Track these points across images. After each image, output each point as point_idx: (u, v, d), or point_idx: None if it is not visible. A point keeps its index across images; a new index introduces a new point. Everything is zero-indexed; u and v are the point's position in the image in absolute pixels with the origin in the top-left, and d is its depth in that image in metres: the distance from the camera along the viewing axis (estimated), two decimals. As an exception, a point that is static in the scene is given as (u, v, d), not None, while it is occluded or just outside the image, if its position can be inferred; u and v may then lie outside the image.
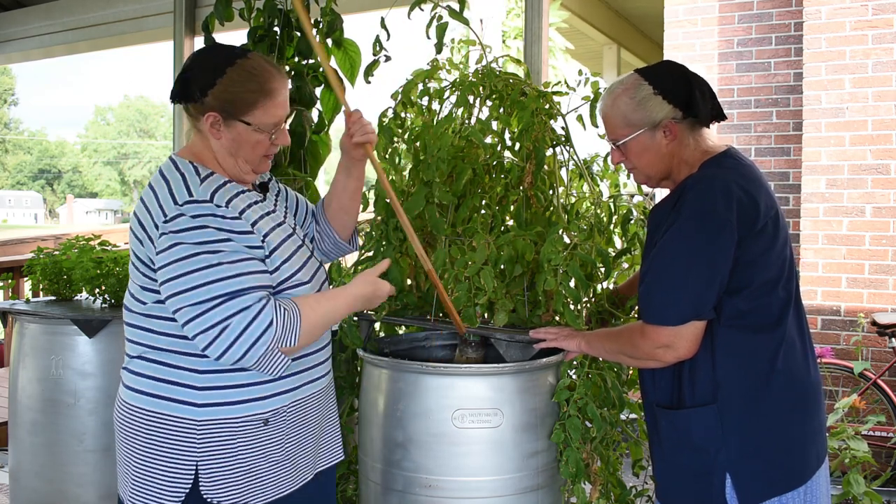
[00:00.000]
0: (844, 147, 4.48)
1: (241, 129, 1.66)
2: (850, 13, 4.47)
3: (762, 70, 5.16)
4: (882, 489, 3.89)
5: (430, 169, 2.20)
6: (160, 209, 1.59)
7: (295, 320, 1.59)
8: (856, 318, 4.39)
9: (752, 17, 5.18)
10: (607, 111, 1.83)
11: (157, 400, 1.65)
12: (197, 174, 1.65)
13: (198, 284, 1.54)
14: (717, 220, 1.65)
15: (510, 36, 8.71)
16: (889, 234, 4.38)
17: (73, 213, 53.53)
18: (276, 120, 1.68)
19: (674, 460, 1.79)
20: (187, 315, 1.55)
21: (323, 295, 1.73)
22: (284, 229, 1.75)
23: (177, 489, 1.64)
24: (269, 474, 1.69)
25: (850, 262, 4.46)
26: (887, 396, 4.05)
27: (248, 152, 1.68)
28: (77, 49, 5.05)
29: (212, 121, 1.65)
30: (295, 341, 1.59)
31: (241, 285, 1.55)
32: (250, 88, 1.64)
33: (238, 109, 1.64)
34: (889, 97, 4.38)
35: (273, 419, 1.69)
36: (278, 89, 1.67)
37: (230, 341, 1.53)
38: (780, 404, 1.71)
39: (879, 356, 4.36)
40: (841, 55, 4.49)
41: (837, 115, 4.50)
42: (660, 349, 1.70)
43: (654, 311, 1.70)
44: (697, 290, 1.65)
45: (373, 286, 1.77)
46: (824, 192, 4.52)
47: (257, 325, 1.54)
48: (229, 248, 1.57)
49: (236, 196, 1.67)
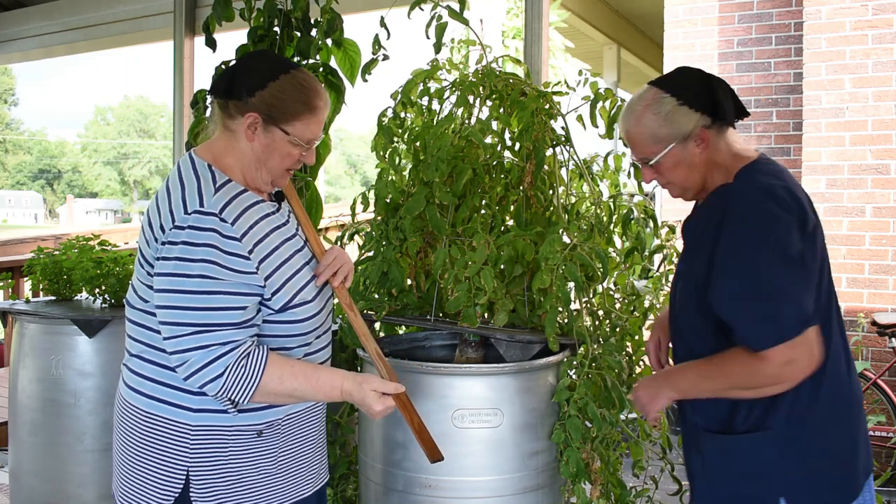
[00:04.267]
0: (844, 147, 4.48)
1: (279, 136, 1.64)
2: (850, 13, 4.47)
3: (762, 70, 5.16)
4: (882, 489, 3.89)
5: (430, 169, 2.20)
6: (170, 214, 1.58)
7: (250, 384, 1.55)
8: (856, 318, 4.39)
9: (752, 17, 5.18)
10: (632, 130, 1.74)
11: (152, 402, 1.64)
12: (213, 181, 1.61)
13: (176, 306, 1.54)
14: (782, 222, 1.56)
15: (510, 36, 8.71)
16: (889, 234, 4.38)
17: (73, 213, 53.53)
18: (312, 136, 1.67)
19: (724, 489, 1.69)
20: (164, 332, 1.57)
21: (305, 370, 1.63)
22: (294, 243, 1.72)
23: (166, 493, 1.62)
24: (260, 487, 1.66)
25: (850, 262, 4.46)
26: (887, 396, 4.05)
27: (276, 162, 1.66)
28: (77, 49, 5.05)
29: (251, 121, 1.63)
30: (245, 400, 1.56)
31: (212, 320, 1.53)
32: (298, 99, 1.64)
33: (281, 116, 1.63)
34: (889, 97, 4.38)
35: (267, 431, 1.66)
36: (322, 108, 1.67)
37: (189, 373, 1.54)
38: (829, 421, 1.63)
39: (879, 356, 4.36)
40: (841, 55, 4.49)
41: (837, 115, 4.50)
42: (785, 368, 1.53)
43: (765, 332, 1.54)
44: (798, 295, 1.54)
45: (360, 393, 1.63)
46: (824, 192, 4.52)
47: (210, 370, 1.53)
48: (214, 273, 1.55)
49: (250, 208, 1.64)
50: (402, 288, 2.35)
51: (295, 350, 1.68)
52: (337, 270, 1.74)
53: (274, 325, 1.65)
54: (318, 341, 1.75)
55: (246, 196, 1.65)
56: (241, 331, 1.56)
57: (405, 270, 2.34)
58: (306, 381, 1.61)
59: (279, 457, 1.69)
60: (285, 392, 1.60)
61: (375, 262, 2.34)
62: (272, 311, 1.63)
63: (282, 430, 1.70)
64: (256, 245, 1.61)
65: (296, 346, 1.68)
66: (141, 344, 1.67)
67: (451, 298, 2.11)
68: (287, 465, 1.71)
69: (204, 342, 1.53)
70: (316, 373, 1.64)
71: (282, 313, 1.64)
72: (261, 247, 1.62)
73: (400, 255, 2.32)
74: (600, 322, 2.33)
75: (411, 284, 2.41)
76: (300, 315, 1.66)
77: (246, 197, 1.65)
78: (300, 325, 1.67)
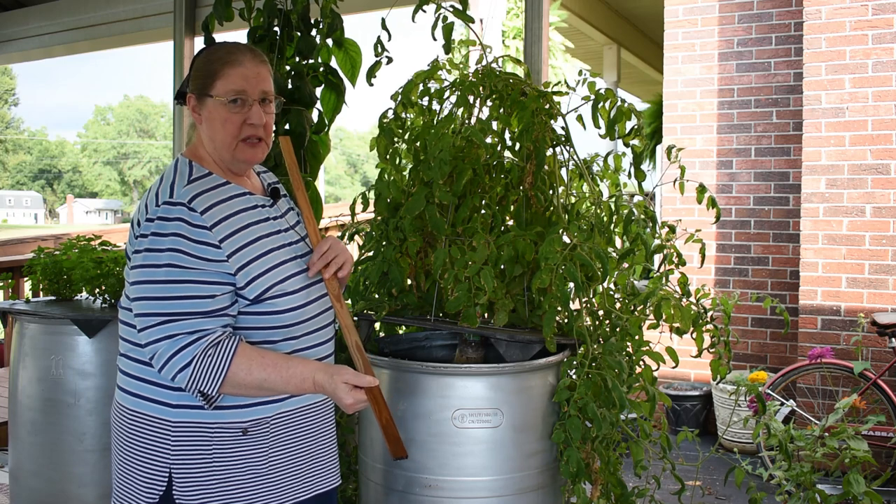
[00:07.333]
0: (844, 147, 4.48)
1: (210, 104, 1.66)
2: (850, 13, 4.47)
3: (762, 70, 5.16)
4: (882, 489, 3.89)
5: (431, 169, 2.20)
6: (145, 208, 1.62)
7: (218, 372, 1.53)
8: (856, 318, 4.39)
9: (752, 17, 5.18)
10: None
11: (135, 399, 1.64)
12: (189, 175, 1.64)
13: (145, 296, 1.55)
14: None
15: (510, 36, 8.71)
16: (889, 234, 4.38)
17: (73, 213, 53.53)
18: (236, 87, 1.65)
19: None
20: (137, 324, 1.57)
21: (276, 361, 1.59)
22: (283, 237, 1.72)
23: (151, 492, 1.60)
24: (249, 488, 1.62)
25: (850, 262, 4.46)
26: (887, 396, 4.05)
27: (221, 133, 1.66)
28: (77, 49, 5.05)
29: (192, 104, 1.69)
30: (213, 391, 1.54)
31: (179, 309, 1.53)
32: (213, 60, 1.68)
33: (205, 84, 1.67)
34: (889, 97, 4.38)
35: (253, 429, 1.63)
36: (241, 60, 1.68)
37: (160, 365, 1.54)
38: None
39: (879, 356, 4.36)
40: (841, 55, 4.50)
41: (837, 115, 4.50)
42: None
43: None
44: None
45: (331, 385, 1.60)
46: (824, 192, 4.52)
47: (178, 360, 1.52)
48: (181, 261, 1.55)
49: (229, 199, 1.64)
50: (402, 288, 2.35)
51: (280, 344, 1.65)
52: (330, 262, 1.72)
53: (252, 316, 1.63)
54: (310, 337, 1.71)
55: (226, 188, 1.67)
56: (210, 320, 1.55)
57: (405, 270, 2.34)
58: (276, 371, 1.57)
59: (271, 457, 1.65)
60: (254, 383, 1.56)
61: (375, 262, 2.34)
62: (248, 302, 1.61)
63: (271, 429, 1.65)
64: (230, 235, 1.60)
65: (280, 339, 1.65)
66: (127, 343, 1.67)
67: (451, 298, 2.11)
68: (282, 466, 1.67)
69: (171, 332, 1.52)
70: (287, 364, 1.59)
71: (258, 304, 1.62)
72: (236, 237, 1.61)
73: (400, 255, 2.32)
74: (600, 322, 2.33)
75: (411, 284, 2.41)
76: (280, 306, 1.64)
77: (226, 189, 1.66)
78: (281, 317, 1.65)
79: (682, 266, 2.44)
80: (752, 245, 5.21)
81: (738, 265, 5.24)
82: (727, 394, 4.35)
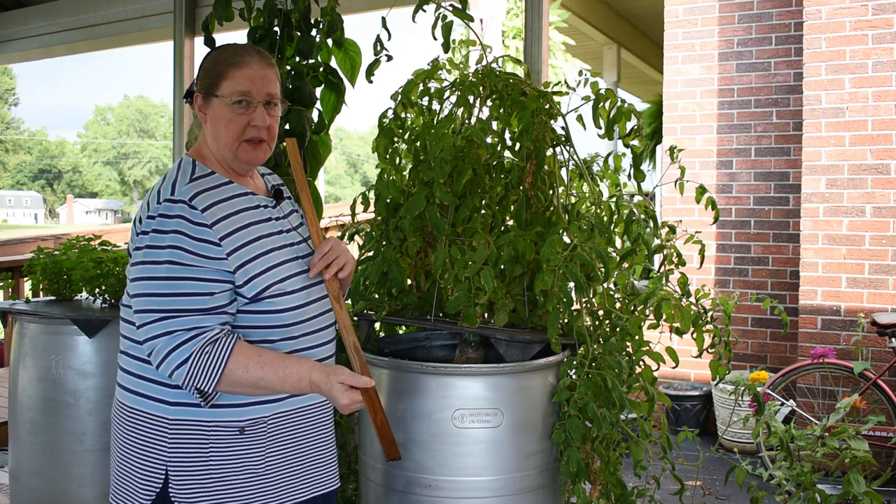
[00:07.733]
0: (844, 147, 4.48)
1: (216, 104, 1.68)
2: (850, 13, 4.47)
3: (762, 70, 5.16)
4: (882, 489, 3.89)
5: (431, 169, 2.20)
6: (147, 206, 1.63)
7: (215, 370, 1.52)
8: (856, 318, 4.39)
9: (752, 17, 5.18)
10: None
11: (133, 396, 1.64)
12: (192, 172, 1.65)
13: (145, 293, 1.55)
14: None
15: (510, 36, 8.71)
16: (889, 234, 4.38)
17: (73, 213, 53.55)
18: (241, 88, 1.66)
19: None
20: (136, 321, 1.58)
21: (273, 360, 1.58)
22: (285, 238, 1.72)
23: (147, 491, 1.60)
24: (245, 489, 1.61)
25: (850, 262, 4.46)
26: (887, 396, 4.05)
27: (224, 132, 1.67)
28: (77, 49, 5.05)
29: (199, 103, 1.70)
30: (210, 389, 1.54)
31: (178, 306, 1.53)
32: (219, 61, 1.69)
33: (211, 84, 1.68)
34: (889, 97, 4.38)
35: (251, 429, 1.62)
36: (248, 62, 1.69)
37: (157, 361, 1.54)
38: None
39: (879, 356, 4.36)
40: (841, 55, 4.50)
41: (837, 115, 4.50)
42: None
43: None
44: None
45: (327, 385, 1.59)
46: (824, 192, 4.52)
47: (175, 356, 1.52)
48: (181, 259, 1.55)
49: (231, 198, 1.65)
50: (402, 288, 2.35)
51: (279, 343, 1.65)
52: (331, 263, 1.72)
53: (251, 315, 1.63)
54: (309, 337, 1.70)
55: (228, 187, 1.67)
56: (209, 317, 1.55)
57: (405, 270, 2.34)
58: (273, 370, 1.57)
59: (268, 457, 1.64)
60: (251, 382, 1.56)
61: (375, 262, 2.34)
62: (246, 300, 1.62)
63: (269, 430, 1.65)
64: (231, 233, 1.61)
65: (278, 338, 1.65)
66: (127, 339, 1.68)
67: (451, 298, 2.11)
68: (279, 467, 1.66)
69: (169, 328, 1.53)
70: (284, 363, 1.59)
71: (257, 303, 1.62)
72: (236, 235, 1.62)
73: (400, 255, 2.32)
74: (600, 322, 2.33)
75: (411, 284, 2.41)
76: (278, 305, 1.64)
77: (228, 188, 1.67)
78: (280, 317, 1.65)
79: (682, 266, 2.44)
80: (752, 245, 5.21)
81: (738, 265, 5.24)
82: (727, 394, 4.35)
